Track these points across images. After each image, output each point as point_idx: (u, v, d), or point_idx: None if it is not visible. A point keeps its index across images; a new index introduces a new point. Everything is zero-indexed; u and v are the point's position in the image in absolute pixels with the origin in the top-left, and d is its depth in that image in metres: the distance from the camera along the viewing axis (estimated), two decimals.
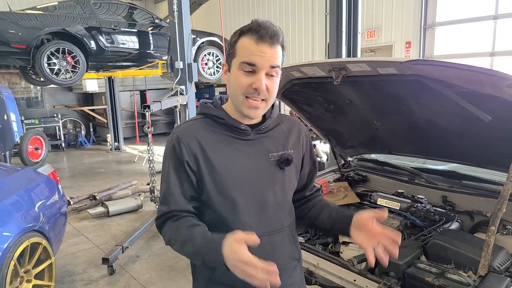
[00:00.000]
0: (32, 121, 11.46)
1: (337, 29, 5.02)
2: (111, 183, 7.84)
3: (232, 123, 1.43)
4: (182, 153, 1.39)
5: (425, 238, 2.28)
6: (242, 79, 1.34)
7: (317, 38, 11.11)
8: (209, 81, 9.67)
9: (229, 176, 1.40)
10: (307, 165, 1.63)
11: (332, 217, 1.58)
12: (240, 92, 1.35)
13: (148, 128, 5.36)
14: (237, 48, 1.36)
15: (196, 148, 1.40)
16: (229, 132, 1.44)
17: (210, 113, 1.47)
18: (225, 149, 1.42)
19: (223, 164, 1.40)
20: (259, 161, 1.45)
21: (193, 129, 1.44)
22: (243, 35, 1.34)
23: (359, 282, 2.02)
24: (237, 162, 1.42)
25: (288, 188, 1.53)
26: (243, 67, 1.33)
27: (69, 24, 7.26)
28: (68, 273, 4.40)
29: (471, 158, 2.61)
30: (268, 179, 1.46)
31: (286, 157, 1.47)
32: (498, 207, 1.87)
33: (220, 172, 1.40)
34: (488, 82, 1.65)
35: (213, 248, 1.21)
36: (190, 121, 1.51)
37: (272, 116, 1.51)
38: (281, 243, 1.51)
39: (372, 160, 3.37)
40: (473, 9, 8.35)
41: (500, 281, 1.76)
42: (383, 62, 1.96)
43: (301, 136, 1.58)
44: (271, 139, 1.49)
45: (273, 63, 1.33)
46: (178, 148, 1.40)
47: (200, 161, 1.39)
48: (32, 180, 3.77)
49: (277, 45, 1.33)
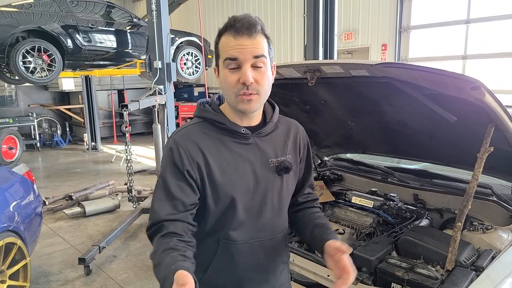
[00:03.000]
0: (6, 120, 11.20)
1: (314, 30, 5.09)
2: (88, 183, 7.75)
3: (232, 128, 1.40)
4: (182, 161, 1.35)
5: (397, 234, 2.35)
6: (229, 76, 1.32)
7: (296, 39, 11.21)
8: (188, 80, 9.66)
9: (230, 182, 1.38)
10: (301, 169, 1.60)
11: (313, 235, 1.54)
12: (232, 91, 1.33)
13: (126, 128, 5.34)
14: (219, 48, 1.35)
15: (198, 155, 1.36)
16: (229, 136, 1.41)
17: (209, 118, 1.43)
18: (226, 154, 1.39)
19: (224, 170, 1.37)
20: (258, 167, 1.42)
21: (193, 135, 1.39)
22: (223, 34, 1.33)
23: (332, 277, 2.06)
24: (238, 167, 1.39)
25: (285, 195, 1.52)
26: (228, 65, 1.32)
27: (45, 22, 7.15)
28: (43, 273, 4.34)
29: (441, 158, 2.71)
30: (266, 185, 1.44)
31: (286, 165, 1.46)
32: (464, 204, 1.96)
33: (221, 178, 1.37)
34: (453, 84, 1.73)
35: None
36: (189, 126, 1.44)
37: (273, 120, 1.48)
38: (273, 249, 1.51)
39: (347, 159, 3.46)
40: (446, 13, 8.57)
41: (465, 274, 1.83)
42: (355, 65, 2.02)
43: (298, 140, 1.56)
44: (270, 143, 1.46)
45: (255, 53, 1.30)
46: (178, 155, 1.35)
47: (202, 168, 1.36)
48: (6, 179, 3.71)
49: (256, 35, 1.30)
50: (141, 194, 6.65)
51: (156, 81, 6.33)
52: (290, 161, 1.48)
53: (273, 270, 1.55)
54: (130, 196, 5.79)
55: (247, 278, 1.48)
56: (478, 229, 2.20)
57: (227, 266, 1.44)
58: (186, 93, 14.44)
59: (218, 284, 1.47)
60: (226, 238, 1.42)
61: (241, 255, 1.43)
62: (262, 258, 1.48)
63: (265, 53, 1.33)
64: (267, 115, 1.49)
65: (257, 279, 1.50)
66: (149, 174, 8.59)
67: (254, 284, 1.50)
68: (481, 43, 8.26)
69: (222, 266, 1.44)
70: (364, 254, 2.10)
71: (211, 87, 12.22)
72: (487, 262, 1.93)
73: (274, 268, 1.54)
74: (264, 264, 1.50)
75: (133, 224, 5.54)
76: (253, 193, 1.42)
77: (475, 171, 1.95)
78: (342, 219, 2.79)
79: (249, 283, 1.49)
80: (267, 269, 1.52)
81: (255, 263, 1.47)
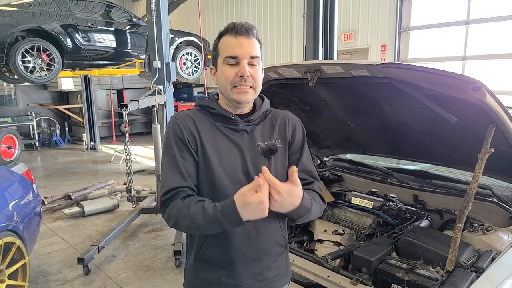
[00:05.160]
0: (5, 119, 11.17)
1: (314, 31, 5.09)
2: (87, 183, 7.74)
3: (222, 113, 1.55)
4: (182, 132, 1.50)
5: (397, 235, 2.35)
6: (228, 71, 1.48)
7: (295, 40, 11.22)
8: (187, 81, 9.65)
9: (220, 160, 1.51)
10: (292, 153, 1.65)
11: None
12: (228, 83, 1.49)
13: (125, 127, 5.33)
14: (219, 48, 1.52)
15: (194, 128, 1.52)
16: (221, 122, 1.56)
17: (204, 104, 1.59)
18: (216, 136, 1.54)
19: (215, 148, 1.51)
20: (247, 150, 1.54)
21: (190, 114, 1.57)
22: (223, 36, 1.51)
23: (332, 278, 2.07)
24: (228, 148, 1.53)
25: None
26: (227, 61, 1.48)
27: (44, 21, 7.13)
28: (42, 273, 4.33)
29: (441, 159, 2.71)
30: (253, 167, 1.53)
31: (270, 147, 1.56)
32: (464, 205, 1.96)
33: (211, 156, 1.50)
34: (454, 85, 1.73)
35: (229, 210, 1.32)
36: (188, 110, 1.61)
37: (262, 108, 1.61)
38: (265, 228, 1.56)
39: (347, 160, 3.45)
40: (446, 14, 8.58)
41: (465, 276, 1.84)
42: (356, 65, 2.02)
43: (287, 124, 1.64)
44: (259, 130, 1.59)
45: (252, 53, 1.48)
46: (178, 128, 1.51)
47: (197, 141, 1.51)
48: (5, 179, 3.70)
49: (253, 37, 1.49)
50: (140, 194, 6.64)
51: (155, 81, 6.33)
52: (278, 145, 1.59)
53: (267, 251, 1.59)
54: (129, 196, 5.78)
55: (239, 255, 1.54)
56: (478, 230, 2.21)
57: (220, 243, 1.52)
58: (185, 93, 14.44)
59: (213, 261, 1.55)
60: None
61: (232, 232, 1.49)
62: (254, 236, 1.54)
63: (259, 55, 1.52)
64: (256, 105, 1.63)
65: (249, 257, 1.55)
66: (148, 174, 8.58)
67: (247, 261, 1.55)
68: (481, 44, 8.27)
69: (215, 243, 1.53)
70: (364, 255, 2.11)
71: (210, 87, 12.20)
72: (487, 263, 1.93)
73: (268, 248, 1.59)
74: (256, 243, 1.56)
75: (132, 224, 5.54)
76: (241, 175, 1.52)
77: (476, 172, 1.95)
78: (342, 220, 2.79)
79: (241, 260, 1.54)
80: (260, 248, 1.57)
81: (246, 241, 1.54)
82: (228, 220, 1.33)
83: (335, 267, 2.18)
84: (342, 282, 2.02)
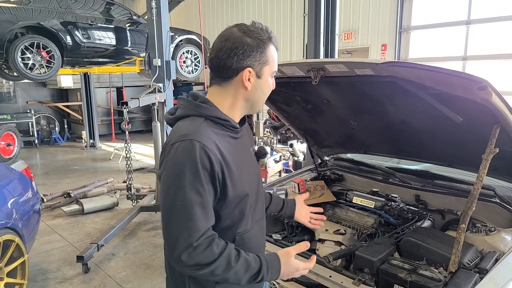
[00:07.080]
0: (4, 116, 11.13)
1: (315, 30, 5.07)
2: (86, 180, 7.72)
3: (234, 125, 1.46)
4: (212, 162, 1.32)
5: (399, 235, 2.33)
6: (270, 84, 1.50)
7: (295, 39, 11.20)
8: (187, 79, 9.63)
9: (245, 179, 1.47)
10: None
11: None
12: (267, 95, 1.52)
13: (125, 125, 5.32)
14: (269, 56, 1.44)
15: (219, 154, 1.35)
16: (228, 132, 1.45)
17: (215, 116, 1.42)
18: (230, 148, 1.42)
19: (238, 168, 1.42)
20: (248, 155, 1.59)
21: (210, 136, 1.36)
22: (270, 42, 1.44)
23: (334, 278, 2.06)
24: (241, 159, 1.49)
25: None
26: (273, 74, 1.51)
27: (44, 18, 7.11)
28: (41, 271, 4.32)
29: (444, 158, 2.69)
30: (256, 171, 1.62)
31: (259, 149, 1.65)
32: (468, 205, 1.94)
33: (238, 176, 1.41)
34: (459, 84, 1.70)
35: (274, 264, 1.46)
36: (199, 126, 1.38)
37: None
38: (264, 227, 1.69)
39: (348, 159, 3.43)
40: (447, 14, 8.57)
41: (469, 277, 1.82)
42: (360, 63, 2.00)
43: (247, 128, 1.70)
44: (245, 134, 1.61)
45: None
46: (206, 158, 1.31)
47: (223, 166, 1.36)
48: (4, 176, 3.68)
49: None
50: (139, 192, 6.63)
51: (155, 79, 6.32)
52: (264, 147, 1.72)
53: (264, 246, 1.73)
54: (129, 194, 5.76)
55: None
56: (481, 231, 2.19)
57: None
58: (185, 91, 14.40)
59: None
60: (241, 231, 1.50)
61: (251, 240, 1.54)
62: (260, 237, 1.64)
63: None
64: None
65: None
66: (148, 172, 8.56)
67: None
68: (482, 44, 8.26)
69: None
70: (366, 255, 2.09)
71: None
72: (491, 264, 1.92)
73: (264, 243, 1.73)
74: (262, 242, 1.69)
75: (132, 222, 5.52)
76: (253, 180, 1.57)
77: (480, 173, 1.94)
78: (343, 220, 2.77)
79: None
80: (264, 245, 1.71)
81: (261, 243, 1.65)
82: (271, 274, 1.44)
83: (337, 267, 2.16)
84: (344, 282, 2.00)
